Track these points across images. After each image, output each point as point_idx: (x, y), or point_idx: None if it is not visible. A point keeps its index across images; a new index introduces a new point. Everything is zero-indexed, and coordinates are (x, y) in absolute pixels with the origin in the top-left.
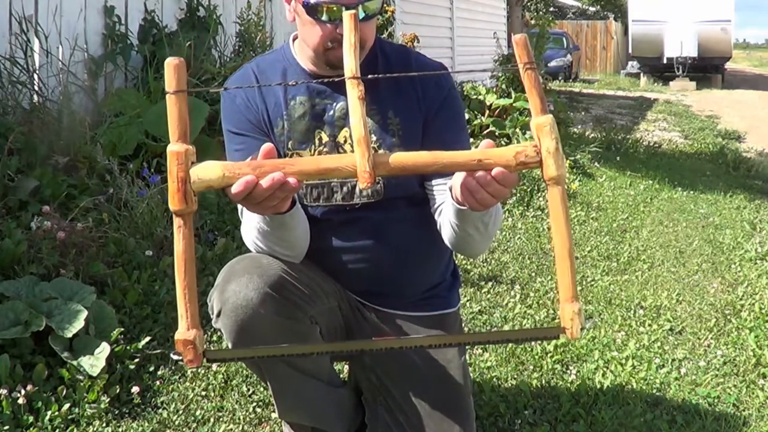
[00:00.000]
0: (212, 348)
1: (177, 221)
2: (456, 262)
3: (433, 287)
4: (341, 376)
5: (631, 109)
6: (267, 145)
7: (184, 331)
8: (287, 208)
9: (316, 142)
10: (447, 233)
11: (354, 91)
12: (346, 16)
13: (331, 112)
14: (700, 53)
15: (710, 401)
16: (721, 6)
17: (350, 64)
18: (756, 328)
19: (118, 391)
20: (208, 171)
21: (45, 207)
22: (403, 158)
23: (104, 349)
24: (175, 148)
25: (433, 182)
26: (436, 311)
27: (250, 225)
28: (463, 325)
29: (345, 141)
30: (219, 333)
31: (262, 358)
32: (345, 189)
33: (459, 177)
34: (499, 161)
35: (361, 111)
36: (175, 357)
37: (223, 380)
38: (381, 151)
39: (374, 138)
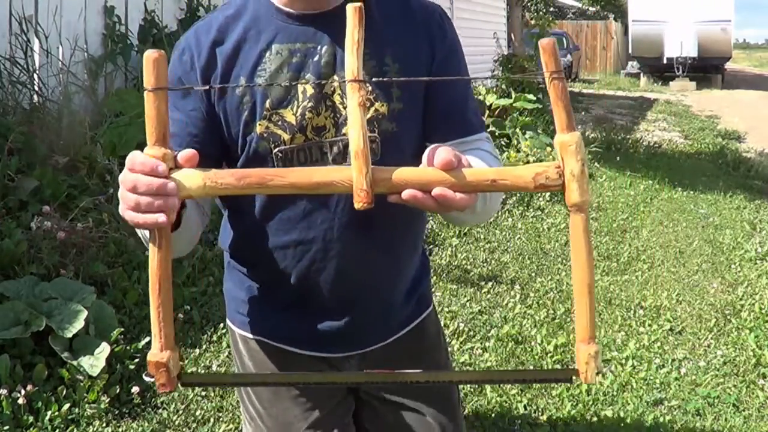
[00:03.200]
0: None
1: (152, 233)
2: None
3: (413, 285)
4: None
5: (631, 110)
6: (188, 152)
7: (156, 353)
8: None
9: (300, 97)
10: None
11: (354, 96)
12: (350, 9)
13: (316, 58)
14: (700, 53)
15: (710, 401)
16: (721, 6)
17: (352, 64)
18: (756, 328)
19: (118, 391)
20: (187, 179)
21: (45, 207)
22: (405, 175)
23: (104, 349)
24: (152, 152)
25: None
26: (419, 317)
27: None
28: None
29: (334, 92)
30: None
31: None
32: (336, 149)
33: (429, 156)
34: (516, 183)
35: (362, 120)
36: (148, 379)
37: None
38: (377, 106)
39: (369, 88)
